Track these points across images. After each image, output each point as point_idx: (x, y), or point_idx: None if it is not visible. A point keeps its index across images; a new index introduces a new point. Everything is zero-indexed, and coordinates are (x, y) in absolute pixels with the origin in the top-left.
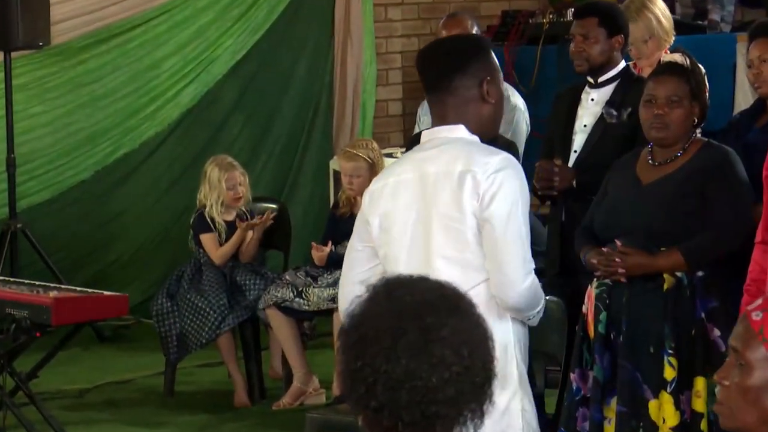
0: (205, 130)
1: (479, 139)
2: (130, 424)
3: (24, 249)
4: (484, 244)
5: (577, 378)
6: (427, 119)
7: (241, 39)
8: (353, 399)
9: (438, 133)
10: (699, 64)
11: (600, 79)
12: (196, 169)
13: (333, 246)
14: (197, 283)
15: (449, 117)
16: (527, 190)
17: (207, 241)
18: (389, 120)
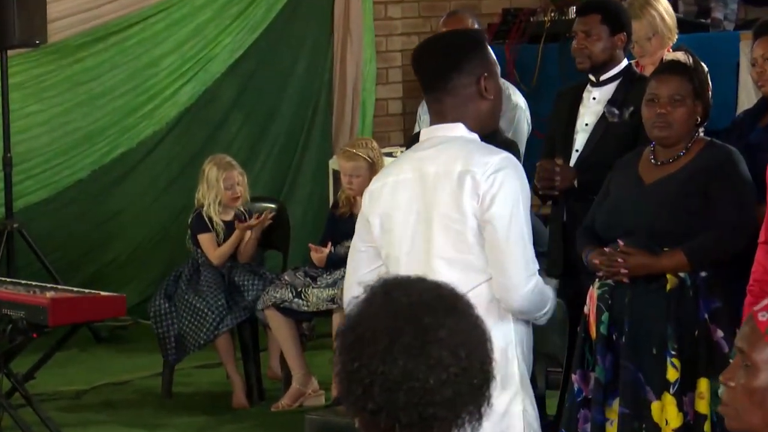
0: (204, 129)
1: (480, 136)
2: (127, 425)
3: (21, 249)
4: (486, 246)
5: (579, 379)
6: (428, 118)
7: (240, 37)
8: (350, 401)
9: (436, 132)
10: (702, 62)
11: (602, 78)
12: (194, 169)
13: (332, 246)
14: (195, 284)
15: (448, 115)
16: (528, 189)
17: (205, 242)
18: (389, 119)
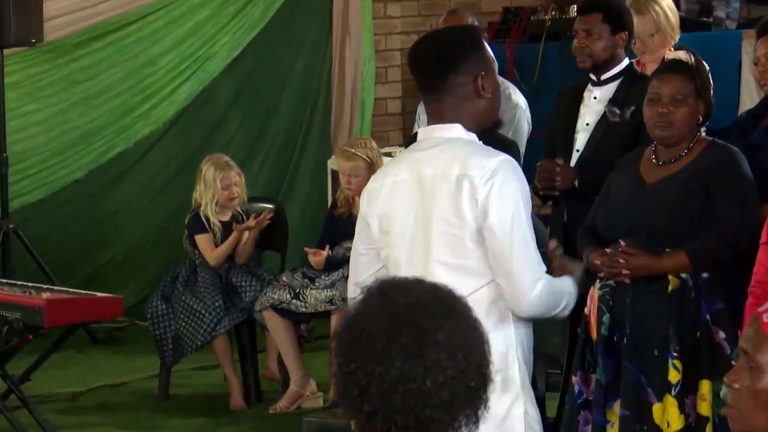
0: (201, 128)
1: (479, 133)
2: (124, 427)
3: (17, 250)
4: (489, 253)
5: (579, 381)
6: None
7: (238, 36)
8: (346, 402)
9: (434, 132)
10: (703, 61)
11: (603, 77)
12: (191, 169)
13: (331, 247)
14: (192, 285)
15: (445, 115)
16: (528, 190)
17: (202, 242)
18: (388, 118)
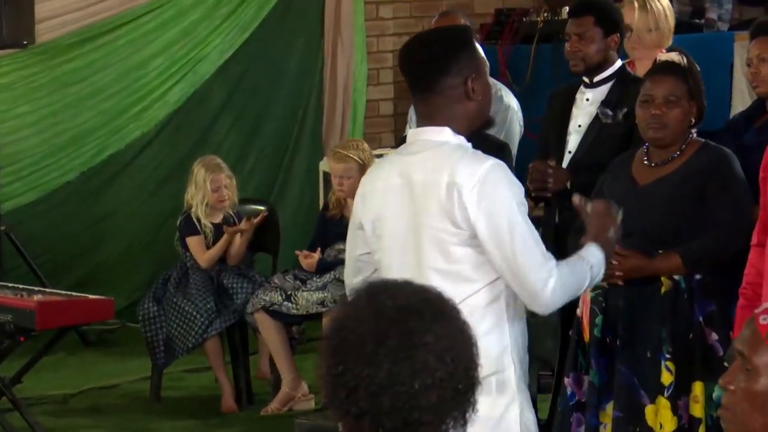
0: (193, 130)
1: (471, 134)
2: (115, 430)
3: (8, 252)
4: (493, 261)
5: (572, 383)
6: None
7: (230, 38)
8: (334, 405)
9: (423, 135)
10: (695, 63)
11: (595, 79)
12: (183, 171)
13: (322, 249)
14: (184, 287)
15: (435, 117)
16: (521, 190)
17: (193, 244)
18: (380, 120)
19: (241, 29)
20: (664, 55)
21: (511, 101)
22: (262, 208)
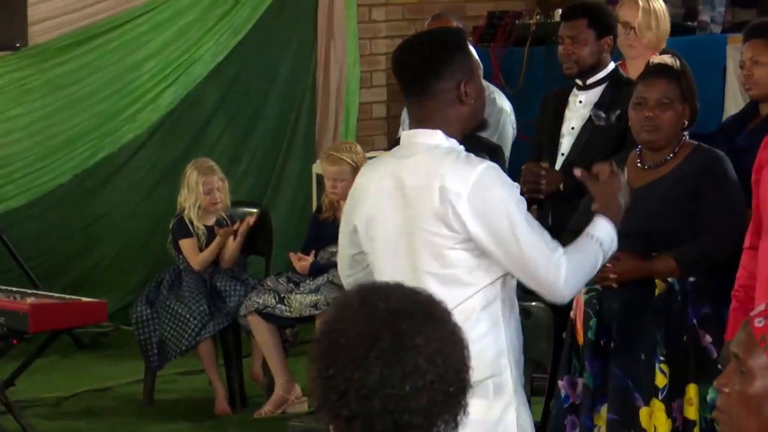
0: (186, 132)
1: (463, 136)
2: None
3: (1, 254)
4: (501, 263)
5: (566, 385)
6: None
7: (223, 40)
8: (325, 407)
9: (415, 137)
10: (687, 65)
11: (588, 81)
12: (176, 173)
13: (316, 251)
14: (177, 290)
15: (427, 120)
16: (515, 188)
17: (186, 247)
18: (373, 123)
19: (235, 32)
20: (657, 58)
21: (504, 104)
22: (254, 210)
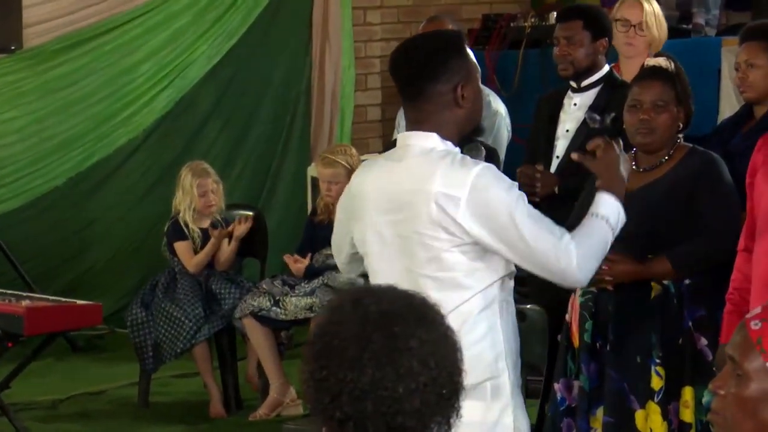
0: (181, 136)
1: (459, 140)
2: None
3: None
4: (510, 259)
5: (562, 388)
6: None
7: (217, 43)
8: (318, 410)
9: (410, 140)
10: (682, 68)
11: (583, 84)
12: (171, 176)
13: (311, 254)
14: (172, 293)
15: (423, 123)
16: (512, 184)
17: (181, 249)
18: (368, 125)
19: (229, 34)
20: (651, 60)
21: (499, 107)
22: (250, 213)
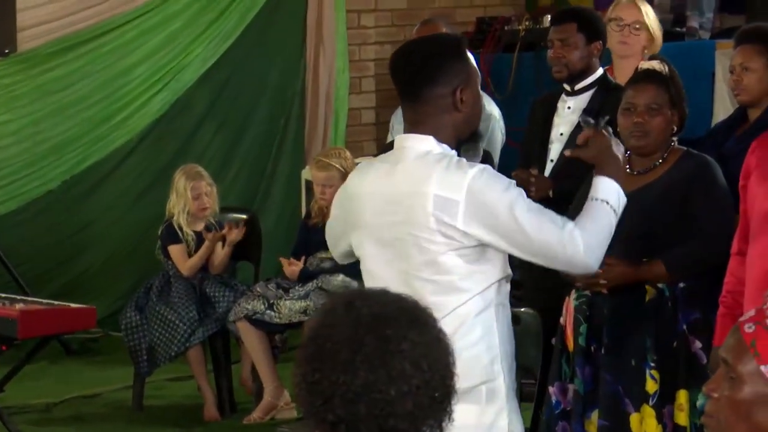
0: (175, 138)
1: (457, 144)
2: None
3: None
4: (518, 256)
5: (557, 391)
6: (401, 128)
7: (212, 46)
8: (310, 412)
9: (406, 142)
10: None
11: (577, 87)
12: (166, 179)
13: (305, 257)
14: (166, 296)
15: (421, 126)
16: (511, 183)
17: (175, 253)
18: (362, 128)
19: (224, 37)
20: (645, 63)
21: (494, 110)
22: (244, 216)
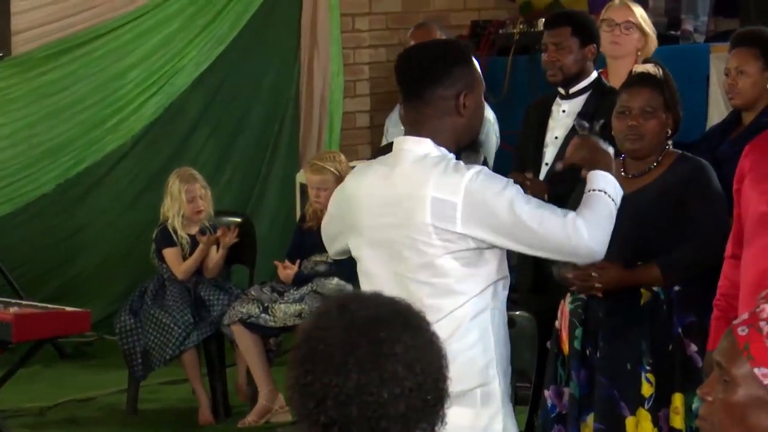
0: (170, 142)
1: (457, 149)
2: None
3: None
4: (523, 253)
5: (552, 395)
6: (395, 131)
7: (206, 50)
8: (303, 414)
9: (404, 144)
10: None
11: (571, 90)
12: (160, 183)
13: (300, 261)
14: (161, 299)
15: (421, 127)
16: (509, 182)
17: (170, 256)
18: (357, 132)
19: (218, 41)
20: (640, 67)
21: (488, 113)
22: (238, 219)
